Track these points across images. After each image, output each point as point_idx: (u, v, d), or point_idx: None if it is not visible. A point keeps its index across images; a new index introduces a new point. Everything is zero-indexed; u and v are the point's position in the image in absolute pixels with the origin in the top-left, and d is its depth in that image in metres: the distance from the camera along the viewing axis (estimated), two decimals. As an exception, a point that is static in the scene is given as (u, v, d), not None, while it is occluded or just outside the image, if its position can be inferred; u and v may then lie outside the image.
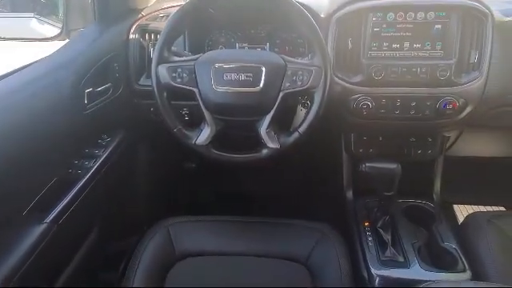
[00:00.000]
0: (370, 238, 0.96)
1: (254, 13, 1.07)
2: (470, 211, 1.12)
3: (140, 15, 1.13)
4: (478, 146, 1.28)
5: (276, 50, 1.15)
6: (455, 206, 1.36)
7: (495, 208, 1.34)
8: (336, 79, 1.00)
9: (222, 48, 1.16)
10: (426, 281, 0.71)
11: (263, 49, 1.16)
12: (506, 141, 1.26)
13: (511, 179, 1.30)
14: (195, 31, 1.10)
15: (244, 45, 1.17)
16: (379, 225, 0.96)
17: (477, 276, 0.85)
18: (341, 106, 1.02)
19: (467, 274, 0.85)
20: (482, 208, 1.39)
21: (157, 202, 1.35)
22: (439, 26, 0.98)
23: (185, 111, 1.08)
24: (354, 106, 1.00)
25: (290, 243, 0.96)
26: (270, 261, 0.94)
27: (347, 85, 1.00)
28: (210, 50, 1.15)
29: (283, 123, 0.94)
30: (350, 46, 1.00)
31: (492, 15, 0.97)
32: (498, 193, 1.37)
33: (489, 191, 1.40)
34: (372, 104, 0.99)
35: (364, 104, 0.99)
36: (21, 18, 1.34)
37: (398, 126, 1.05)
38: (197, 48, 1.11)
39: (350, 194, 1.14)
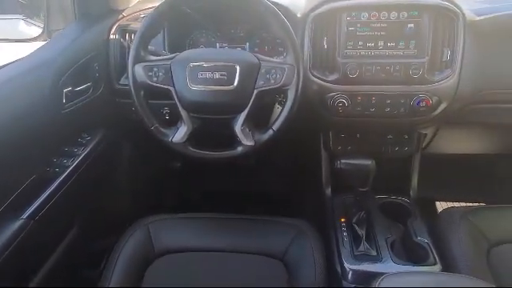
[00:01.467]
0: (345, 234, 0.97)
1: (232, 13, 1.09)
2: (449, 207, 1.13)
3: (121, 16, 1.14)
4: (455, 142, 1.30)
5: (256, 49, 1.17)
6: (433, 202, 1.39)
7: (473, 204, 1.36)
8: (312, 78, 1.02)
9: (202, 48, 1.17)
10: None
11: (243, 48, 1.17)
12: (482, 137, 1.28)
13: (487, 175, 1.32)
14: (175, 31, 1.12)
15: (224, 45, 1.19)
16: (354, 220, 0.97)
17: (447, 269, 0.87)
18: (318, 103, 1.04)
19: (437, 267, 0.87)
20: (457, 204, 1.41)
21: (140, 201, 1.36)
22: (412, 25, 1.00)
23: (166, 110, 1.09)
24: (331, 104, 1.02)
25: (268, 239, 0.98)
26: (248, 257, 0.95)
27: (323, 83, 1.02)
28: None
29: (261, 121, 0.95)
30: (325, 45, 1.02)
31: (463, 15, 0.99)
32: (475, 189, 1.39)
33: (466, 187, 1.43)
34: (348, 102, 1.01)
35: (340, 102, 1.01)
36: (8, 20, 1.36)
37: (375, 124, 1.07)
38: (177, 48, 1.12)
39: (328, 191, 1.16)
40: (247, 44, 1.18)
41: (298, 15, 1.04)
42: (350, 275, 0.89)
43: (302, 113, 1.07)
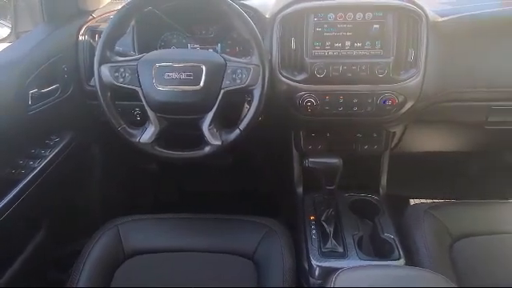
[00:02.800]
0: (313, 231, 0.99)
1: (201, 14, 1.10)
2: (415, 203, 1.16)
3: (90, 17, 1.14)
4: (424, 141, 1.33)
5: (227, 50, 1.18)
6: (402, 199, 1.41)
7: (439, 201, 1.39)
8: (281, 77, 1.03)
9: (173, 49, 1.18)
10: None
11: (215, 49, 1.18)
12: (449, 136, 1.32)
13: (455, 173, 1.35)
14: (145, 32, 1.12)
15: (196, 46, 1.19)
16: (323, 218, 0.99)
17: (411, 263, 0.89)
18: (287, 103, 1.05)
19: (401, 261, 0.89)
20: (425, 200, 1.44)
21: (113, 203, 1.35)
22: (377, 26, 1.02)
23: (137, 111, 1.09)
24: (299, 103, 1.03)
25: (238, 238, 0.98)
26: (218, 256, 0.96)
27: (292, 83, 1.03)
28: None
29: (230, 121, 0.96)
30: (293, 45, 1.03)
31: (426, 16, 1.01)
32: (444, 186, 1.42)
33: (435, 184, 1.46)
34: (316, 101, 1.02)
35: (308, 101, 1.02)
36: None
37: (343, 122, 1.09)
38: (148, 49, 1.11)
39: (299, 190, 1.17)
40: (219, 45, 1.18)
41: (267, 16, 1.06)
42: (316, 272, 0.90)
43: (273, 113, 1.09)
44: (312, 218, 1.03)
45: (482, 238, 0.94)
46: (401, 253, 0.91)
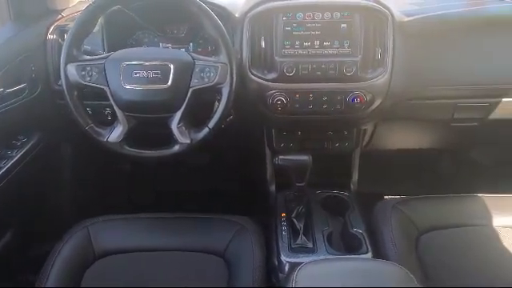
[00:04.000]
0: (284, 228, 1.00)
1: (171, 13, 1.09)
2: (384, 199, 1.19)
3: (59, 16, 1.13)
4: (395, 138, 1.36)
5: (199, 49, 1.18)
6: (373, 196, 1.44)
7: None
8: (252, 76, 1.04)
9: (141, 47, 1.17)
10: None
11: (187, 49, 1.18)
12: (419, 133, 1.35)
13: (425, 169, 1.39)
14: (115, 31, 1.11)
15: (168, 45, 1.19)
16: (294, 215, 1.00)
17: (378, 257, 0.91)
18: (258, 102, 1.06)
19: (368, 255, 0.91)
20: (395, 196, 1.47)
21: (86, 204, 1.34)
22: (345, 26, 1.04)
23: (107, 111, 1.08)
24: (270, 102, 1.04)
25: (210, 237, 0.99)
26: (189, 255, 0.96)
27: (262, 81, 1.04)
28: None
29: (200, 119, 0.96)
30: (263, 44, 1.04)
31: (392, 16, 1.04)
32: (415, 182, 1.46)
33: (406, 181, 1.49)
34: (286, 99, 1.04)
35: (279, 100, 1.04)
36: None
37: (314, 121, 1.10)
38: (118, 48, 1.11)
39: (272, 188, 1.18)
40: (191, 44, 1.18)
41: (237, 15, 1.07)
42: (286, 267, 0.91)
43: (244, 111, 1.09)
44: (283, 215, 1.04)
45: (446, 231, 0.97)
46: (368, 247, 0.93)
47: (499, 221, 0.98)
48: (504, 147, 1.50)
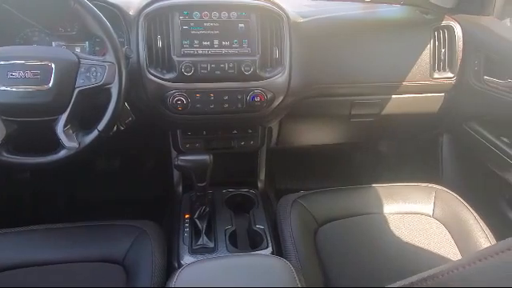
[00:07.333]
0: (186, 229, 0.99)
1: (56, 9, 1.03)
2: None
3: None
4: (303, 135, 1.41)
5: (97, 48, 1.12)
6: (282, 192, 1.49)
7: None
8: (150, 76, 1.01)
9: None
10: None
11: (82, 48, 1.12)
12: (324, 129, 1.41)
13: (334, 162, 1.45)
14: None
15: (61, 44, 1.12)
16: (196, 215, 0.99)
17: (278, 251, 0.94)
18: (159, 102, 1.04)
19: (268, 251, 0.93)
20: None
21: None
22: (243, 25, 1.05)
23: None
24: (170, 102, 1.02)
25: (108, 245, 0.94)
26: (86, 265, 0.91)
27: (161, 81, 1.02)
28: None
29: (93, 122, 0.91)
30: (159, 43, 1.02)
31: (287, 16, 1.07)
32: (324, 175, 1.53)
33: (316, 176, 1.56)
34: (187, 99, 1.02)
35: (179, 100, 1.02)
36: None
37: (217, 120, 1.10)
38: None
39: (179, 189, 1.17)
40: (87, 43, 1.12)
41: (131, 13, 1.03)
42: (185, 269, 0.90)
43: (146, 112, 1.06)
44: (186, 216, 1.03)
45: (343, 221, 1.02)
46: (269, 242, 0.95)
47: (390, 208, 1.06)
48: (403, 140, 1.63)
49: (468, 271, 0.35)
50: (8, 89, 0.80)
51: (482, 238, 0.95)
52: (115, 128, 0.93)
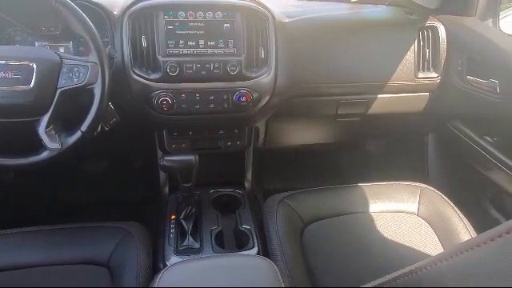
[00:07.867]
0: (172, 230, 0.98)
1: (37, 9, 1.01)
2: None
3: None
4: (291, 135, 1.41)
5: (81, 48, 1.11)
6: (269, 192, 1.49)
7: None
8: (135, 76, 1.00)
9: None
10: None
11: (67, 48, 1.11)
12: (312, 128, 1.42)
13: (322, 162, 1.46)
14: None
15: (45, 44, 1.10)
16: (182, 216, 0.99)
17: (264, 251, 0.94)
18: (144, 103, 1.03)
19: (253, 251, 0.93)
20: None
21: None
22: (228, 25, 1.05)
23: None
24: (155, 102, 1.01)
25: (93, 246, 0.93)
26: (70, 268, 0.90)
27: (146, 81, 1.01)
28: None
29: (77, 123, 0.90)
30: (144, 43, 1.01)
31: (273, 16, 1.07)
32: (313, 175, 1.53)
33: (304, 175, 1.56)
34: (172, 100, 1.02)
35: (164, 100, 1.01)
36: None
37: (203, 120, 1.10)
38: None
39: (165, 190, 1.16)
40: (71, 43, 1.11)
41: (115, 13, 1.02)
42: (171, 270, 0.89)
43: (131, 113, 1.05)
44: (172, 217, 1.02)
45: (329, 220, 1.02)
46: (255, 242, 0.95)
47: (375, 207, 1.07)
48: (390, 140, 1.64)
49: (446, 265, 0.35)
50: None
51: (466, 235, 0.97)
52: (99, 129, 0.92)
